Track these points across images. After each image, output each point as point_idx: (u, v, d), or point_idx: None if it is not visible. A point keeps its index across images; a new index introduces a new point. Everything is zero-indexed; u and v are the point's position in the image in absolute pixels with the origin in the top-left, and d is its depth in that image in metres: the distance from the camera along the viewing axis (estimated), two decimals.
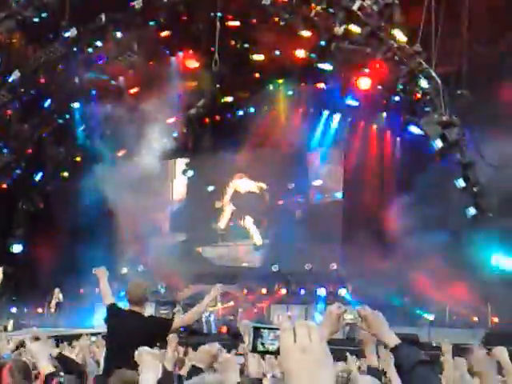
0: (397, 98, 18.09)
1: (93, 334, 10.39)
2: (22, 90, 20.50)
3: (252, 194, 22.45)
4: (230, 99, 22.50)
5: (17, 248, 21.63)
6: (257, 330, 1.74)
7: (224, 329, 16.00)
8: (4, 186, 21.50)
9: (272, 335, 1.73)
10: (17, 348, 7.53)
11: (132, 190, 19.60)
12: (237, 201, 22.71)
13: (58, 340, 12.43)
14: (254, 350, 1.76)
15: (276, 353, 1.71)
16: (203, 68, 20.11)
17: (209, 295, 6.06)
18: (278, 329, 1.65)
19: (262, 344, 1.75)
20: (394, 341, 2.81)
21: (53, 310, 19.22)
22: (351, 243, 18.33)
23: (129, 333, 5.46)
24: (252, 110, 22.59)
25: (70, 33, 19.40)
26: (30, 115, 21.10)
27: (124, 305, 6.04)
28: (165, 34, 20.08)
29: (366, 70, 17.94)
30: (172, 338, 5.60)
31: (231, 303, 18.48)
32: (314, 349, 1.52)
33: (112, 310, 5.90)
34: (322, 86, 20.48)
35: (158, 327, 5.77)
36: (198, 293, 18.74)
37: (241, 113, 22.92)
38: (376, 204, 19.00)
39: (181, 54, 21.15)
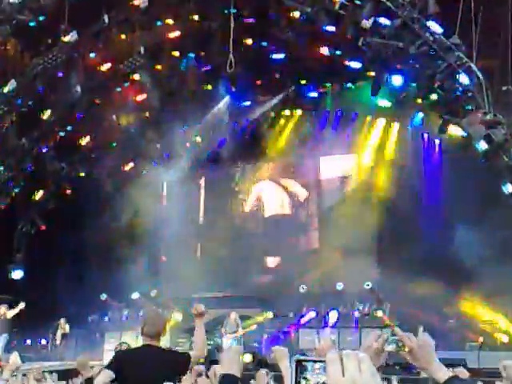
0: (434, 97, 17.99)
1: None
2: (19, 101, 20.69)
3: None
4: (247, 103, 22.56)
5: (17, 274, 21.78)
6: (299, 362, 1.70)
7: (248, 357, 15.90)
8: (2, 206, 21.66)
9: (316, 368, 1.70)
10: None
11: (146, 206, 19.73)
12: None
13: (65, 375, 12.49)
14: None
15: None
16: (217, 70, 20.20)
17: (198, 325, 5.92)
18: (323, 361, 1.62)
19: (305, 379, 1.72)
20: (443, 375, 2.73)
21: (58, 341, 19.31)
22: (388, 259, 18.27)
23: (147, 370, 5.42)
24: (272, 114, 22.66)
25: (70, 37, 19.58)
26: (28, 128, 21.30)
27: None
28: (174, 34, 20.19)
29: (399, 67, 17.89)
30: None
31: (253, 327, 18.44)
32: (366, 383, 1.51)
33: (119, 353, 6.03)
34: (349, 85, 20.48)
35: (180, 362, 5.69)
36: (217, 318, 18.76)
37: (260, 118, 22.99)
38: (413, 215, 18.92)
39: (192, 55, 21.22)
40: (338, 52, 19.17)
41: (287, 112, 22.73)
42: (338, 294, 19.72)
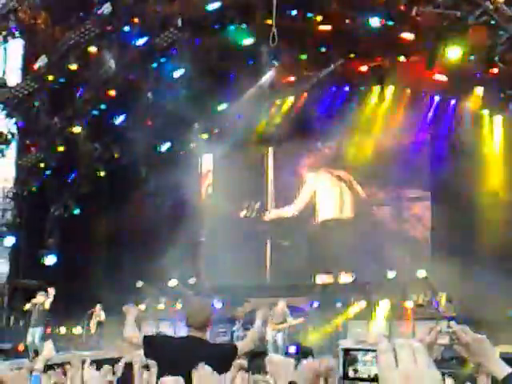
0: (495, 70, 17.37)
1: None
2: (50, 77, 20.38)
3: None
4: (291, 79, 21.98)
5: (50, 260, 21.59)
6: (347, 352, 1.49)
7: (293, 349, 15.47)
8: (33, 189, 21.49)
9: (368, 359, 1.49)
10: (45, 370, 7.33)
11: (184, 188, 19.36)
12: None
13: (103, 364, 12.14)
14: (346, 377, 1.47)
15: (373, 380, 1.41)
16: (260, 44, 19.65)
17: (258, 318, 6.01)
18: (373, 350, 1.38)
19: (355, 370, 1.54)
20: (502, 371, 2.59)
21: (93, 330, 19.08)
22: (442, 244, 17.75)
23: (193, 362, 5.15)
24: (319, 91, 22.09)
25: (104, 9, 19.21)
26: (59, 107, 21.00)
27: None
28: (213, 5, 19.66)
29: (456, 39, 17.21)
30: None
31: (301, 319, 17.95)
32: (421, 375, 1.45)
33: (153, 340, 5.82)
34: (402, 59, 19.86)
35: (226, 355, 5.63)
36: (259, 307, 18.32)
37: (304, 95, 22.39)
38: (470, 195, 18.29)
39: (232, 28, 20.68)
40: (389, 23, 18.50)
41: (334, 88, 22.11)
42: (390, 283, 19.18)
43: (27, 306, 17.44)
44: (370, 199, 21.38)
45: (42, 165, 21.49)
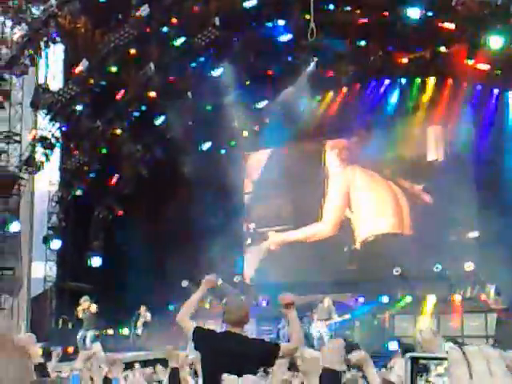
0: None
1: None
2: (92, 81, 20.69)
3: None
4: (331, 73, 21.93)
5: (96, 262, 21.94)
6: (415, 360, 1.44)
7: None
8: (78, 192, 21.80)
9: (439, 370, 1.43)
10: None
11: (227, 186, 19.42)
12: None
13: (150, 365, 12.35)
14: None
15: None
16: (298, 39, 19.63)
17: (291, 318, 5.76)
18: (444, 358, 1.39)
19: (428, 382, 1.45)
20: None
21: (140, 330, 19.28)
22: (490, 236, 17.47)
23: (230, 357, 5.38)
24: (358, 85, 21.98)
25: (142, 11, 19.39)
26: (101, 110, 21.29)
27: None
28: (250, 3, 19.72)
29: (498, 26, 16.95)
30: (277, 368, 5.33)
31: (347, 315, 17.91)
32: None
33: (202, 333, 5.81)
34: (443, 49, 19.62)
35: (264, 352, 5.60)
36: (305, 304, 18.35)
37: (344, 89, 22.31)
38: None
39: (270, 25, 20.72)
40: (429, 13, 18.31)
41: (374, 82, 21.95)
42: (436, 276, 18.98)
43: (79, 315, 17.59)
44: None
45: (86, 168, 21.78)
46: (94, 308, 17.30)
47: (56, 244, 21.47)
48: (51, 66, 22.32)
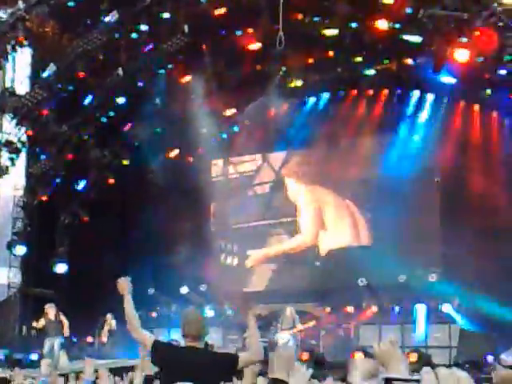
0: (503, 72, 17.42)
1: None
2: (59, 85, 20.60)
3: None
4: (298, 83, 22.08)
5: (60, 268, 21.78)
6: (388, 382, 1.62)
7: (305, 355, 15.56)
8: (43, 197, 21.66)
9: None
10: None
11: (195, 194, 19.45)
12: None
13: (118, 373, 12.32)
14: None
15: None
16: (267, 48, 19.74)
17: (250, 326, 5.81)
18: (417, 380, 1.55)
19: None
20: None
21: (105, 338, 19.22)
22: (453, 246, 17.75)
23: (191, 371, 5.44)
24: (326, 95, 22.17)
25: (111, 17, 19.39)
26: (68, 115, 21.22)
27: None
28: (220, 11, 19.78)
29: (464, 40, 17.23)
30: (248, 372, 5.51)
31: (311, 323, 18.07)
32: None
33: (162, 346, 5.82)
34: (409, 61, 19.89)
35: (225, 364, 5.66)
36: (271, 313, 18.48)
37: (312, 99, 22.48)
38: (483, 196, 18.35)
39: (239, 33, 20.81)
40: (396, 25, 18.53)
41: (342, 92, 22.17)
42: (401, 286, 19.21)
43: (40, 324, 17.47)
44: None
45: (52, 173, 21.66)
46: (59, 315, 17.26)
47: (20, 250, 21.27)
48: (18, 70, 22.14)
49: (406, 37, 18.66)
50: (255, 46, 20.55)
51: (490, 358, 12.99)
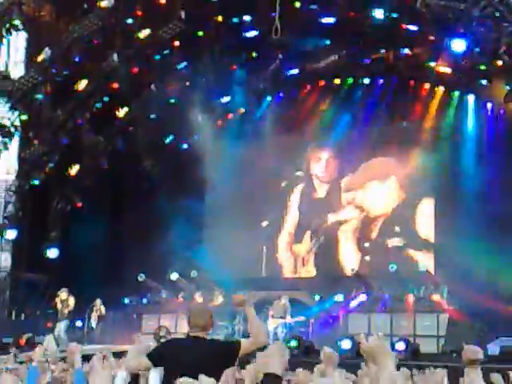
0: (499, 63, 17.43)
1: None
2: (54, 70, 20.61)
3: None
4: (295, 72, 22.10)
5: (52, 253, 21.80)
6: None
7: (294, 343, 15.65)
8: (36, 182, 21.68)
9: None
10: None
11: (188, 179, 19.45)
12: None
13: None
14: None
15: None
16: (263, 37, 19.78)
17: (248, 314, 5.67)
18: None
19: None
20: None
21: (94, 324, 19.27)
22: (444, 236, 17.83)
23: (195, 362, 5.34)
24: (322, 83, 22.22)
25: (107, 2, 19.39)
26: (63, 99, 21.20)
27: None
28: None
29: (460, 31, 17.29)
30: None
31: (302, 318, 18.16)
32: None
33: (159, 355, 5.63)
34: (406, 51, 19.96)
35: (226, 352, 5.63)
36: (261, 300, 18.51)
37: (308, 87, 22.54)
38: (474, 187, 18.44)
39: (236, 20, 20.84)
40: (393, 15, 18.60)
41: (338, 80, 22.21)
42: (391, 276, 19.26)
43: (58, 306, 17.77)
44: None
45: (45, 157, 21.65)
46: (71, 301, 17.56)
47: (11, 234, 21.28)
48: (13, 54, 22.15)
49: (403, 26, 18.73)
50: (252, 33, 20.62)
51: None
